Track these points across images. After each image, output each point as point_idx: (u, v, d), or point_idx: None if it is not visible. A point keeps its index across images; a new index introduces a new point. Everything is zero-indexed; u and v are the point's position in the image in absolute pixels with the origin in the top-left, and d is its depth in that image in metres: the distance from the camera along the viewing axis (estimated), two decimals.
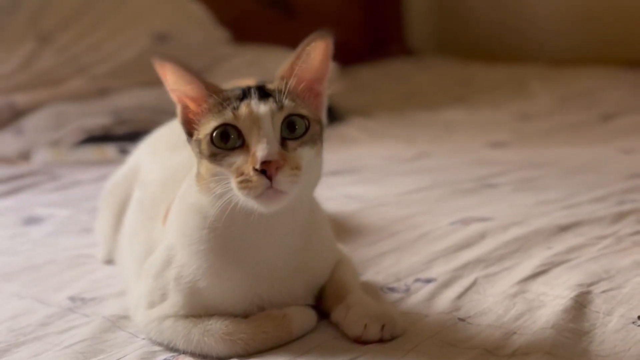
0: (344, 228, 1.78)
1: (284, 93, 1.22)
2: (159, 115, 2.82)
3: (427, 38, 4.76)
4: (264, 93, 1.22)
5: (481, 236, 1.67)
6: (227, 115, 1.20)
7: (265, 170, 1.16)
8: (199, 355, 1.26)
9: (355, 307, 1.29)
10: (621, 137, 2.71)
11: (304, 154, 1.21)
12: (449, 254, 1.59)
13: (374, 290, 1.44)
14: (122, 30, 3.21)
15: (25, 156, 2.70)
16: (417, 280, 1.48)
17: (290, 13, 4.06)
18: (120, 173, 1.74)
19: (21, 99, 2.87)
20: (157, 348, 1.30)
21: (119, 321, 1.41)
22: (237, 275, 1.27)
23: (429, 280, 1.47)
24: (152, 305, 1.34)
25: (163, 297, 1.33)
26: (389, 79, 4.01)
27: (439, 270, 1.51)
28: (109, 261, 1.71)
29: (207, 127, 1.22)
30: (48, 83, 2.98)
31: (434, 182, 2.15)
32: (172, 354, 1.28)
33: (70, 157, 2.67)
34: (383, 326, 1.25)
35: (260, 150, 1.17)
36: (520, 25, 4.46)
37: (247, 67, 3.34)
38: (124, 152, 2.71)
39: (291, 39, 3.61)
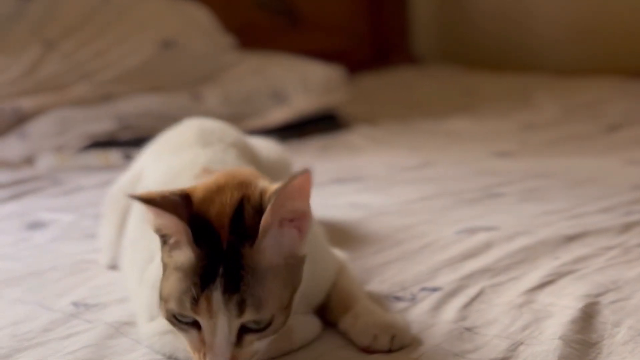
0: (348, 236, 1.78)
1: (252, 289, 1.10)
2: (163, 121, 2.81)
3: (432, 47, 4.76)
4: (231, 274, 1.10)
5: (487, 246, 1.66)
6: (186, 307, 1.11)
7: None
8: None
9: (363, 316, 1.29)
10: (627, 148, 2.69)
11: (262, 344, 1.15)
12: (454, 263, 1.58)
13: (378, 299, 1.43)
14: (128, 36, 3.20)
15: (29, 161, 2.69)
16: (423, 289, 1.47)
17: (296, 21, 4.07)
18: (124, 178, 1.73)
19: (26, 103, 2.86)
20: (160, 357, 1.29)
21: (122, 327, 1.40)
22: None
23: (434, 289, 1.46)
24: (152, 317, 1.33)
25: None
26: (393, 88, 4.00)
27: (445, 280, 1.50)
28: (113, 267, 1.70)
29: (168, 295, 1.14)
30: (53, 88, 2.96)
31: (438, 191, 2.14)
32: None
33: (75, 162, 2.66)
34: (393, 337, 1.24)
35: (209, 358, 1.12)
36: (524, 35, 4.45)
37: (252, 74, 3.34)
38: (128, 157, 2.71)
39: (297, 47, 3.66)
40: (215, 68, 3.32)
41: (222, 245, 1.12)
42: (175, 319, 1.14)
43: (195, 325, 1.13)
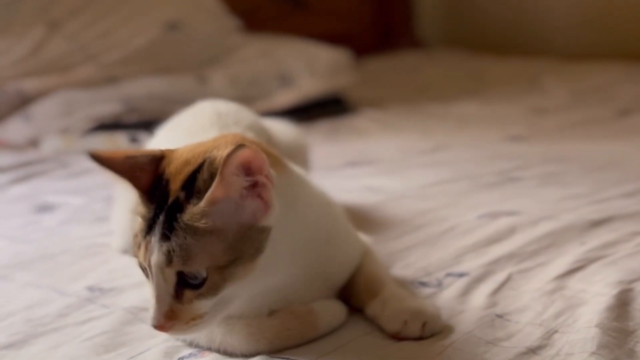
0: (366, 221, 1.73)
1: (182, 240, 1.09)
2: (170, 104, 2.77)
3: (437, 31, 4.71)
4: (169, 225, 1.10)
5: (511, 231, 1.62)
6: (134, 250, 1.15)
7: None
8: (224, 354, 1.21)
9: (392, 301, 1.25)
10: (639, 133, 2.65)
11: (203, 304, 1.11)
12: (479, 248, 1.54)
13: (404, 285, 1.39)
14: (133, 18, 3.15)
15: (34, 143, 2.66)
16: (449, 274, 1.43)
17: (301, 5, 4.01)
18: None
19: (30, 85, 2.82)
20: (179, 343, 1.25)
21: (140, 313, 1.36)
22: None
23: (461, 275, 1.42)
24: None
25: None
26: (399, 72, 3.95)
27: (471, 265, 1.46)
28: (125, 251, 1.66)
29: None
30: (57, 70, 2.92)
31: (455, 175, 2.10)
32: (196, 350, 1.23)
33: (81, 145, 2.62)
34: (424, 324, 1.21)
35: (150, 310, 1.12)
36: (530, 19, 4.40)
37: (259, 57, 3.30)
38: (135, 140, 2.67)
39: (301, 31, 3.62)
40: (221, 50, 3.28)
41: (169, 200, 1.12)
42: (142, 268, 1.15)
43: None
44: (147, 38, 3.10)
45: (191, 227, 1.09)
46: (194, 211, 1.10)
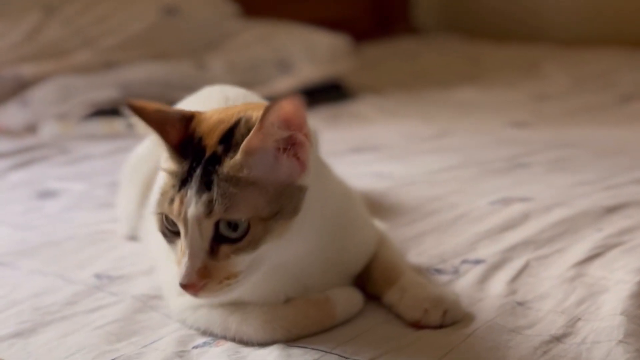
0: (376, 207, 1.70)
1: (224, 189, 1.06)
2: (168, 90, 2.75)
3: (434, 17, 4.68)
4: (208, 177, 1.07)
5: (524, 217, 1.59)
6: (165, 207, 1.10)
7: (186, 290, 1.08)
8: (239, 342, 1.18)
9: (411, 289, 1.22)
10: None
11: (240, 260, 1.08)
12: (493, 234, 1.52)
13: (420, 272, 1.36)
14: (130, 3, 3.11)
15: (31, 129, 2.62)
16: (465, 261, 1.41)
17: None
18: (144, 146, 1.65)
19: (27, 70, 2.78)
20: (193, 332, 1.23)
21: (150, 301, 1.33)
22: (264, 280, 1.17)
23: (477, 262, 1.39)
24: (183, 292, 1.26)
25: None
26: (397, 58, 3.92)
27: (486, 252, 1.43)
28: (132, 238, 1.63)
29: (158, 197, 1.12)
30: (54, 55, 2.88)
31: (462, 161, 2.07)
32: (210, 338, 1.20)
33: (79, 130, 2.59)
34: (445, 312, 1.18)
35: (181, 268, 1.08)
36: (527, 5, 4.38)
37: (256, 42, 3.27)
38: (133, 126, 2.63)
39: (298, 16, 3.58)
40: (219, 36, 3.25)
41: (205, 154, 1.09)
42: (165, 228, 1.12)
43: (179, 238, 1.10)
44: (144, 23, 3.07)
45: (232, 177, 1.07)
46: (233, 162, 1.07)
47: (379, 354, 1.11)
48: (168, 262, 1.31)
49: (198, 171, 1.08)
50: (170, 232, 1.11)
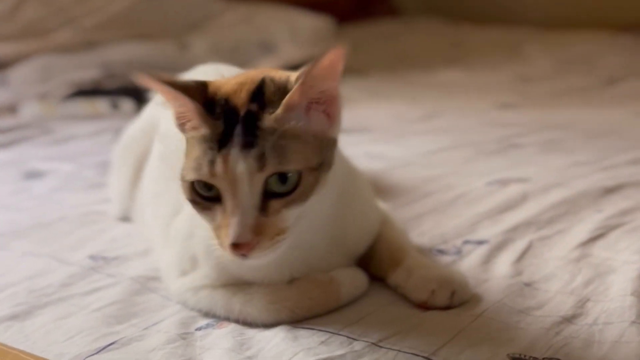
0: (373, 187, 1.68)
1: (274, 142, 1.03)
2: (150, 70, 2.71)
3: None
4: (250, 134, 1.04)
5: (523, 198, 1.58)
6: (204, 171, 1.04)
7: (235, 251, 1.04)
8: (243, 324, 1.16)
9: (418, 270, 1.19)
10: (630, 101, 2.63)
11: (290, 214, 1.06)
12: (493, 215, 1.50)
13: (424, 253, 1.34)
14: None
15: (11, 109, 2.58)
16: (466, 242, 1.39)
17: None
18: (136, 126, 1.62)
19: (6, 50, 2.74)
20: (195, 313, 1.20)
21: (148, 283, 1.30)
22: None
23: (480, 242, 1.38)
24: (184, 273, 1.24)
25: (194, 265, 1.23)
26: (378, 40, 3.90)
27: (488, 233, 1.42)
28: (124, 218, 1.60)
29: (186, 169, 1.07)
30: (34, 34, 2.84)
31: (455, 142, 2.06)
32: (213, 320, 1.18)
33: (60, 111, 2.55)
34: (453, 293, 1.16)
35: (231, 228, 1.03)
36: None
37: (239, 23, 3.24)
38: (116, 107, 2.60)
39: None
40: (202, 16, 3.22)
41: (240, 113, 1.05)
42: (198, 196, 1.06)
43: (217, 203, 1.05)
44: (125, 2, 3.04)
45: (277, 131, 1.03)
46: (275, 117, 1.04)
47: (387, 335, 1.09)
48: (167, 242, 1.29)
49: (238, 129, 1.03)
50: (203, 198, 1.06)
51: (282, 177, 1.03)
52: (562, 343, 1.04)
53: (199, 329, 1.16)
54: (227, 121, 1.05)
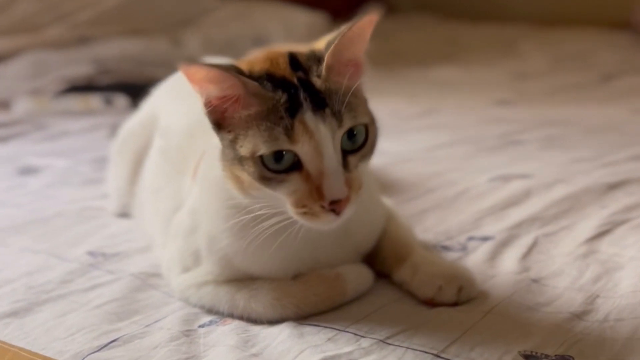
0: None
1: (341, 99, 1.03)
2: (143, 66, 2.70)
3: None
4: (315, 97, 1.03)
5: (526, 194, 1.57)
6: (281, 140, 1.02)
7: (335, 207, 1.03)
8: (247, 320, 1.14)
9: (424, 266, 1.17)
10: (627, 98, 2.63)
11: (362, 169, 1.07)
12: (497, 211, 1.49)
13: (429, 249, 1.33)
14: None
15: (4, 105, 2.55)
16: (471, 238, 1.38)
17: None
18: (135, 121, 1.60)
19: None
20: (197, 310, 1.18)
21: (149, 279, 1.29)
22: (274, 254, 1.13)
23: (485, 239, 1.36)
24: (186, 269, 1.22)
25: (196, 261, 1.21)
26: (372, 36, 3.82)
27: (492, 229, 1.40)
28: (122, 214, 1.58)
29: (254, 146, 1.04)
30: (26, 30, 2.82)
31: (454, 138, 2.05)
32: (216, 317, 1.16)
33: (54, 106, 2.53)
34: (460, 289, 1.14)
35: (327, 189, 1.02)
36: None
37: (233, 19, 3.22)
38: (110, 103, 2.58)
39: None
40: (195, 12, 3.20)
41: (293, 82, 1.05)
42: (269, 171, 1.04)
43: (294, 168, 1.04)
44: None
45: (336, 89, 1.04)
46: (323, 79, 1.05)
47: (395, 332, 1.07)
48: (168, 238, 1.27)
49: (301, 94, 1.03)
50: (275, 172, 1.04)
51: (350, 133, 1.05)
52: (574, 340, 1.02)
53: (202, 325, 1.14)
54: (284, 89, 1.04)
